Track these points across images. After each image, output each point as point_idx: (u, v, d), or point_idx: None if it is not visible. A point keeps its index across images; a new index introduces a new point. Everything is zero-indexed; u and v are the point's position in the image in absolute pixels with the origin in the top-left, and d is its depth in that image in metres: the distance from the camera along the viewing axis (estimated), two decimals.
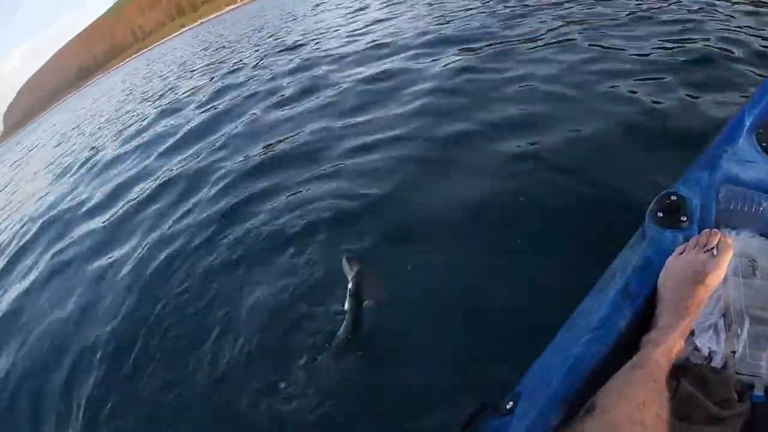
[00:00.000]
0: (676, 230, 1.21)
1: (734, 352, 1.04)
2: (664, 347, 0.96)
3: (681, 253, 1.12)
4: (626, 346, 1.03)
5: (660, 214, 1.25)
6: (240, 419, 1.74)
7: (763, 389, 1.07)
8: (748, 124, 1.52)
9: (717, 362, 1.05)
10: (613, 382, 0.90)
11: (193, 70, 13.67)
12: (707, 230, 1.13)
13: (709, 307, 1.09)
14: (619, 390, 0.88)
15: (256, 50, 11.77)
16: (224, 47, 16.53)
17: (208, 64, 13.36)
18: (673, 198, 1.27)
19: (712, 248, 1.07)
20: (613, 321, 1.07)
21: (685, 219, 1.23)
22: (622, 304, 1.09)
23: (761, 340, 1.08)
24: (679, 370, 1.00)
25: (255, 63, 9.54)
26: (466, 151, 2.97)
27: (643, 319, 1.08)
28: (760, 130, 1.50)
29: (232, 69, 10.10)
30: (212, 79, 10.01)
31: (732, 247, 1.09)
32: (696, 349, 1.05)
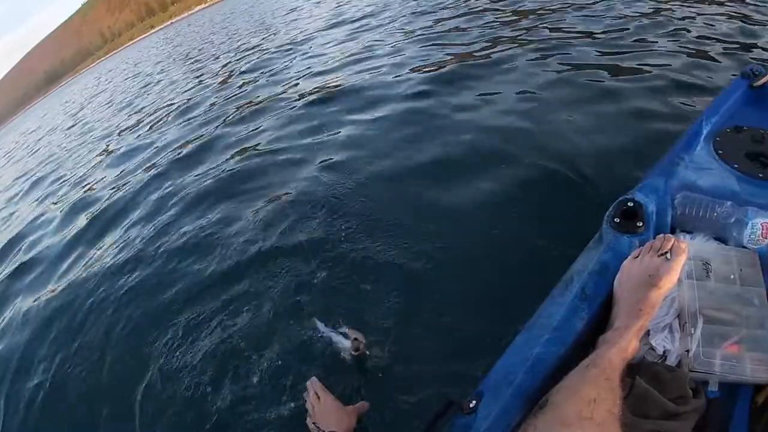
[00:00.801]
0: (632, 235, 1.25)
1: (688, 351, 1.08)
2: (619, 347, 0.99)
3: (636, 257, 1.15)
4: (584, 346, 1.06)
5: (617, 220, 1.29)
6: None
7: (717, 385, 1.10)
8: (705, 132, 1.58)
9: (671, 360, 1.08)
10: (566, 380, 0.93)
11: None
12: (662, 235, 1.16)
13: (664, 308, 1.13)
14: (571, 387, 0.90)
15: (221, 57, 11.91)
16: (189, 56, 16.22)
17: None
18: (630, 204, 1.31)
19: (666, 252, 1.10)
20: (572, 322, 1.09)
21: (641, 224, 1.26)
22: (579, 307, 1.12)
23: (714, 338, 1.12)
24: (635, 369, 1.03)
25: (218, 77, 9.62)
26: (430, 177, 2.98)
27: (601, 320, 1.11)
28: (718, 138, 1.56)
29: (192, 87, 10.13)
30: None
31: (686, 251, 1.13)
32: (651, 348, 1.09)
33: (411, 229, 2.36)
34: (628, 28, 4.33)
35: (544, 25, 5.13)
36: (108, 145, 8.05)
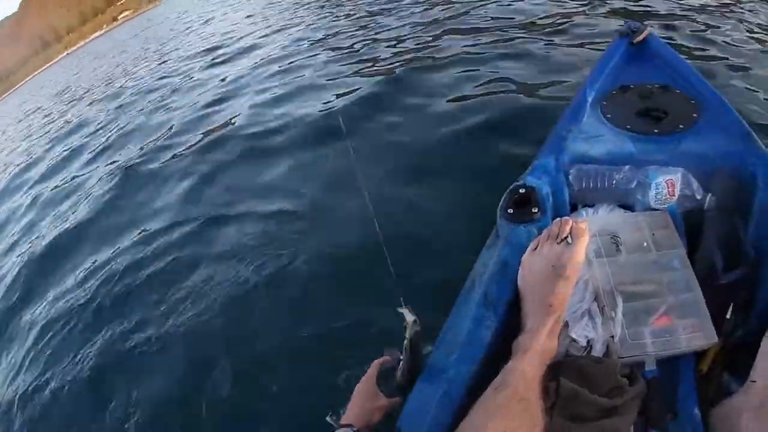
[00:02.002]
0: (529, 223, 1.15)
1: (613, 336, 0.97)
2: (533, 352, 0.88)
3: (535, 249, 1.05)
4: (501, 355, 0.95)
5: (510, 210, 1.19)
6: None
7: (654, 363, 1.01)
8: (590, 99, 1.53)
9: (598, 349, 0.97)
10: (473, 412, 0.81)
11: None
12: (558, 219, 1.06)
13: (578, 294, 1.02)
14: (477, 423, 0.79)
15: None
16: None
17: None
18: (522, 191, 1.21)
19: (566, 237, 1.00)
20: (478, 334, 0.98)
21: (536, 210, 1.17)
22: (484, 315, 1.00)
23: (640, 315, 1.02)
24: (559, 368, 0.92)
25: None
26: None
27: (513, 323, 1.01)
28: (605, 102, 1.51)
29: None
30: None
31: (587, 231, 1.03)
32: (573, 340, 0.98)
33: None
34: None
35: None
36: None
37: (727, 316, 1.08)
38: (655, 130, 1.37)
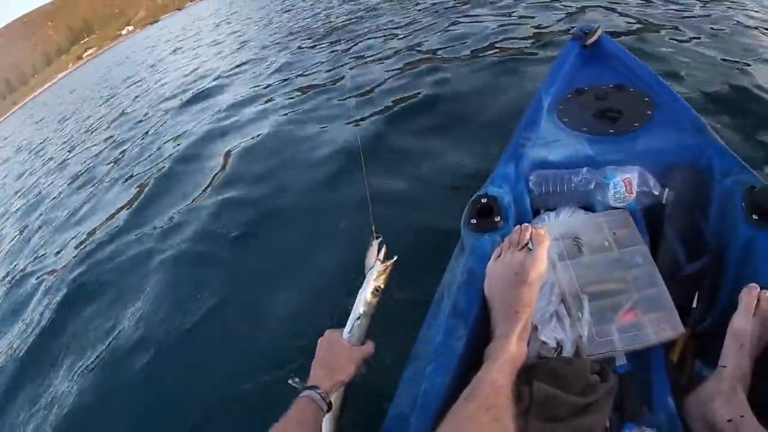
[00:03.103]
0: (492, 232, 1.17)
1: (581, 336, 1.01)
2: (502, 360, 0.90)
3: (499, 257, 1.07)
4: (473, 365, 0.98)
5: (473, 221, 1.21)
6: None
7: (625, 358, 1.03)
8: (547, 104, 1.57)
9: (568, 350, 1.00)
10: (443, 427, 0.82)
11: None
12: (518, 227, 1.08)
13: (545, 297, 1.05)
14: None
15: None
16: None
17: None
18: (484, 200, 1.23)
19: (527, 243, 1.03)
20: (450, 345, 0.99)
21: (498, 219, 1.19)
22: (455, 325, 1.01)
23: (606, 313, 1.05)
24: (531, 371, 0.95)
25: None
26: None
27: (484, 332, 1.03)
28: (560, 107, 1.55)
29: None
30: None
31: (547, 237, 1.06)
32: (544, 343, 1.00)
33: None
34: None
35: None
36: None
37: (694, 306, 1.12)
38: (611, 131, 1.41)
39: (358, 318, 1.02)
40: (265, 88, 5.70)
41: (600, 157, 1.33)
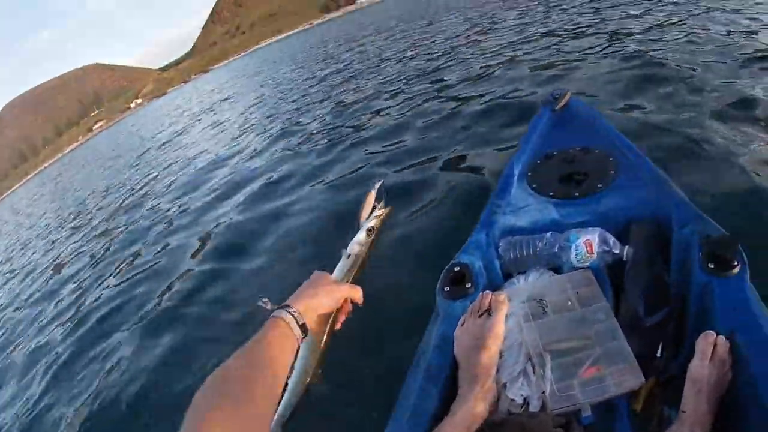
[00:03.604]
0: (464, 299, 1.29)
1: (544, 392, 1.12)
2: (460, 416, 1.01)
3: (464, 323, 1.19)
4: None
5: (447, 288, 1.33)
6: None
7: (590, 409, 1.13)
8: (517, 171, 1.71)
9: (535, 405, 1.11)
10: None
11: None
12: (480, 294, 1.21)
13: (513, 356, 1.17)
14: None
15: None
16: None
17: None
18: (457, 269, 1.36)
19: (487, 310, 1.15)
20: (424, 406, 1.10)
21: (469, 285, 1.31)
22: (428, 387, 1.13)
23: (570, 368, 1.16)
24: (500, 427, 1.06)
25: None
26: None
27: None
28: (530, 173, 1.69)
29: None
30: None
31: (505, 303, 1.17)
32: (512, 400, 1.12)
33: None
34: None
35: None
36: None
37: (658, 355, 1.23)
38: (576, 193, 1.54)
39: (348, 256, 0.96)
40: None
41: (565, 221, 1.46)
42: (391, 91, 6.86)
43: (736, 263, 1.20)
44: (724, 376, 1.06)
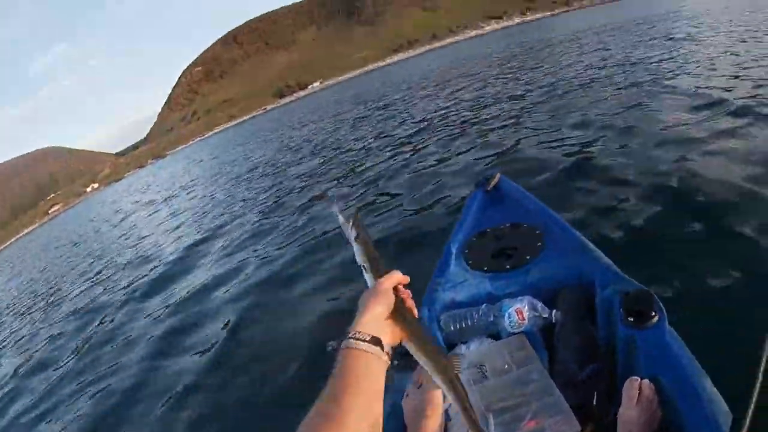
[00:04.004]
0: (411, 371, 1.34)
1: None
2: None
3: (408, 394, 1.29)
4: None
5: (395, 362, 1.47)
6: None
7: None
8: (455, 250, 1.90)
9: None
10: None
11: None
12: (418, 369, 1.28)
13: (460, 419, 1.30)
14: None
15: None
16: None
17: None
18: None
19: (422, 383, 1.24)
20: None
21: None
22: None
23: (511, 425, 1.29)
24: None
25: None
26: None
27: None
28: (466, 250, 1.89)
29: None
30: None
31: None
32: None
33: None
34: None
35: None
36: None
37: (594, 403, 1.36)
38: (508, 266, 1.74)
39: (364, 267, 0.94)
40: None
41: (498, 292, 1.65)
42: (340, 175, 7.26)
43: (654, 314, 1.36)
44: (653, 415, 1.19)
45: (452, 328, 1.56)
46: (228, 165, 17.59)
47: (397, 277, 0.88)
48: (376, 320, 0.80)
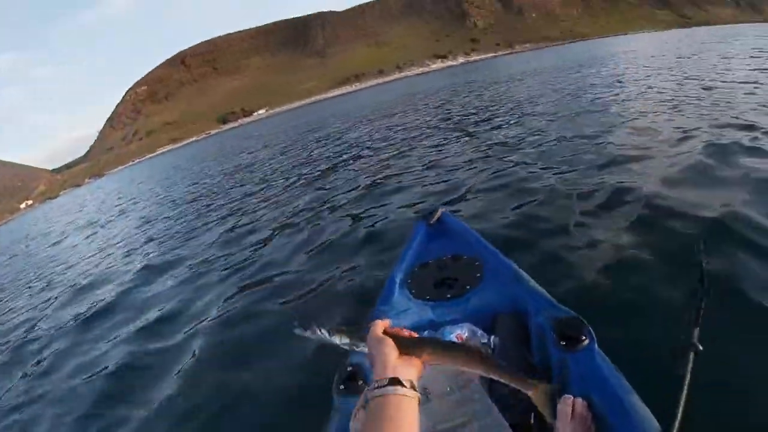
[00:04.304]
0: (357, 395, 1.45)
1: None
2: None
3: (356, 415, 1.32)
4: None
5: (342, 387, 1.53)
6: None
7: None
8: (398, 280, 1.98)
9: None
10: None
11: None
12: (366, 389, 1.39)
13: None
14: None
15: None
16: None
17: None
18: (350, 368, 1.56)
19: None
20: None
21: (362, 383, 1.51)
22: None
23: None
24: None
25: None
26: None
27: None
28: (409, 280, 1.98)
29: None
30: None
31: None
32: None
33: None
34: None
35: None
36: None
37: (531, 422, 1.46)
38: (449, 295, 1.84)
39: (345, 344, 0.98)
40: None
41: (440, 319, 1.74)
42: (280, 205, 7.18)
43: (584, 338, 1.49)
44: (587, 430, 1.28)
45: None
46: (166, 188, 17.01)
47: (378, 323, 0.94)
48: (390, 363, 0.86)
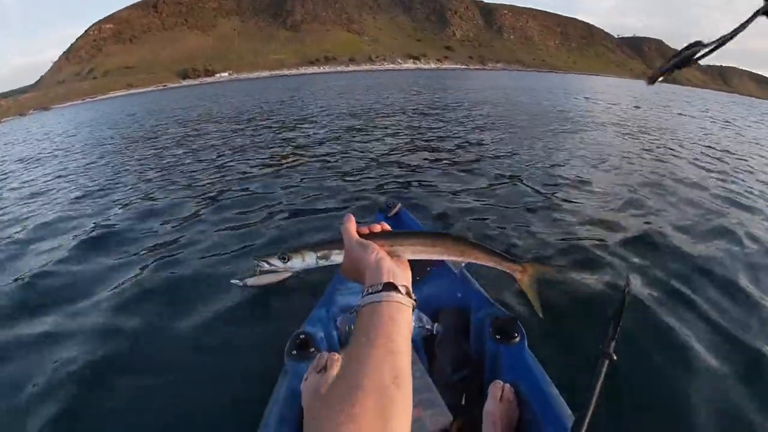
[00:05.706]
0: (308, 361, 1.53)
1: None
2: None
3: (307, 378, 1.42)
4: None
5: (294, 352, 1.62)
6: None
7: None
8: None
9: None
10: None
11: None
12: (318, 354, 1.48)
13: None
14: None
15: None
16: None
17: None
18: (302, 336, 1.66)
19: (324, 367, 1.39)
20: None
21: (313, 350, 1.61)
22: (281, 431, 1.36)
23: None
24: None
25: None
26: None
27: None
28: None
29: None
30: None
31: (338, 361, 1.42)
32: None
33: None
34: None
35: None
36: None
37: (462, 402, 1.62)
38: None
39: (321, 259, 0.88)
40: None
41: None
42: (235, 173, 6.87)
43: (516, 335, 1.67)
44: (512, 413, 1.44)
45: (346, 329, 1.74)
46: (111, 135, 15.36)
47: (348, 225, 0.83)
48: (385, 267, 0.74)
